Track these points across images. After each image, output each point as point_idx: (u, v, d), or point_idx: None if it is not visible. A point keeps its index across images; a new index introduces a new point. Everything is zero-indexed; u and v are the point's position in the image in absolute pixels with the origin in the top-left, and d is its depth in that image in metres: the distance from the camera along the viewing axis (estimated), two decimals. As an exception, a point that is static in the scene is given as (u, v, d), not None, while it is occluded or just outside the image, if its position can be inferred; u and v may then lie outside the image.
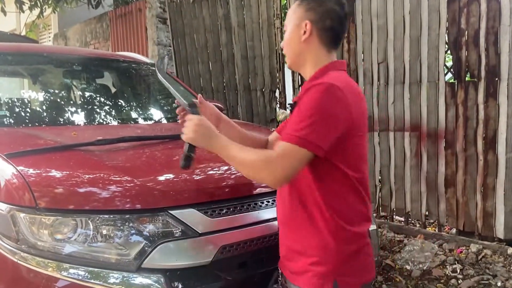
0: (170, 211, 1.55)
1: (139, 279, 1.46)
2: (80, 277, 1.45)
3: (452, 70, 3.49)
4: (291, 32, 1.41)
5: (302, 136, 1.20)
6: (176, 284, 1.49)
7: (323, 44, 1.39)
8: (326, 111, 1.22)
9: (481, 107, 3.30)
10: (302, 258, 1.33)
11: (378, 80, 3.84)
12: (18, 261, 1.48)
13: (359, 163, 1.34)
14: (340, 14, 1.39)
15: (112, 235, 1.51)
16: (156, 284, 1.46)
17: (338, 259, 1.29)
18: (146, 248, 1.49)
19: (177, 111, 1.55)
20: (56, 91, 2.94)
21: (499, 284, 2.86)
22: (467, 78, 3.39)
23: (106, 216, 1.52)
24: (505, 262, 3.10)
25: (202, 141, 1.37)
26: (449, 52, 3.50)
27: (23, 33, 8.96)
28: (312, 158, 1.23)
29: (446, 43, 3.46)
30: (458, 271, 3.09)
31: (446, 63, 3.53)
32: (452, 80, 3.51)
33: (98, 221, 1.51)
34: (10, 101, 2.59)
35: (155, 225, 1.54)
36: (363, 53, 3.93)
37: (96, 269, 1.47)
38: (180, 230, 1.54)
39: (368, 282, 1.37)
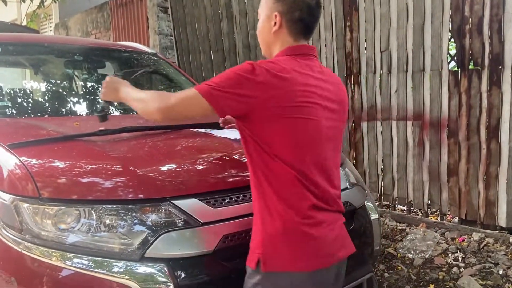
0: (172, 201, 1.55)
1: (142, 268, 1.47)
2: (84, 266, 1.46)
3: (455, 58, 3.47)
4: (262, 22, 1.45)
5: (206, 86, 1.29)
6: (179, 273, 1.49)
7: (291, 35, 1.41)
8: (237, 80, 1.27)
9: (484, 95, 3.28)
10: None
11: (381, 68, 3.82)
12: (22, 251, 1.49)
13: (295, 149, 1.32)
14: (310, 4, 1.39)
15: (115, 225, 1.52)
16: (160, 273, 1.47)
17: (265, 240, 1.33)
18: (149, 238, 1.50)
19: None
20: (58, 82, 2.94)
21: (500, 272, 2.87)
22: (470, 66, 3.37)
23: (109, 206, 1.53)
24: (507, 251, 3.11)
25: (111, 94, 1.60)
26: (452, 40, 3.48)
27: (24, 23, 8.93)
28: (208, 111, 1.29)
29: (449, 31, 3.44)
30: (460, 259, 3.10)
31: (450, 51, 3.51)
32: (455, 69, 3.49)
33: (101, 211, 1.52)
34: (12, 92, 2.59)
35: (158, 215, 1.54)
36: (365, 41, 3.91)
37: (100, 259, 1.47)
38: (182, 219, 1.54)
39: (308, 271, 1.32)
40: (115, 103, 1.60)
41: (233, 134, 2.04)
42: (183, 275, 1.49)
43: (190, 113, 1.38)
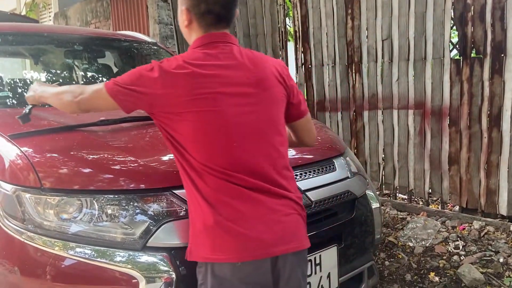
0: (174, 191, 1.56)
1: (144, 258, 1.48)
2: (87, 256, 1.47)
3: (457, 46, 3.45)
4: (178, 16, 1.46)
5: (111, 85, 1.35)
6: (181, 262, 1.50)
7: (202, 28, 1.39)
8: (137, 77, 1.33)
9: (486, 84, 3.27)
10: None
11: (382, 57, 3.80)
12: (25, 241, 1.50)
13: (206, 144, 1.31)
14: None
15: (117, 214, 1.52)
16: (161, 262, 1.48)
17: (191, 232, 1.39)
18: (151, 227, 1.50)
19: None
20: (58, 71, 2.93)
21: (501, 260, 2.88)
22: (472, 55, 3.35)
23: (111, 196, 1.54)
24: (508, 239, 3.12)
25: (34, 96, 1.68)
26: (454, 28, 3.45)
27: (23, 13, 8.88)
28: (115, 106, 1.35)
29: (451, 18, 3.41)
30: (461, 247, 3.11)
31: (452, 40, 3.49)
32: (457, 57, 3.47)
33: (103, 201, 1.53)
34: (12, 82, 2.58)
35: (160, 204, 1.55)
36: (367, 29, 3.88)
37: (102, 248, 1.48)
38: (184, 209, 1.55)
39: (226, 262, 1.31)
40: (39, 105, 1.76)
41: None
42: (185, 264, 1.50)
43: (99, 108, 1.44)
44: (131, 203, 1.54)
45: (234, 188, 1.31)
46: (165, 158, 1.72)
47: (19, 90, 2.54)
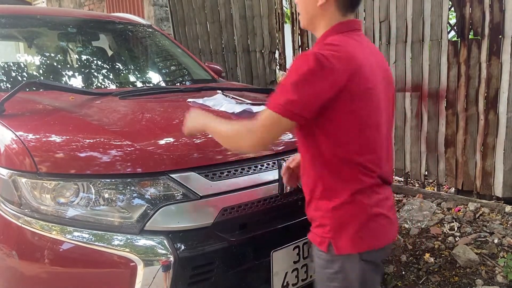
0: (171, 175, 1.56)
1: (142, 241, 1.49)
2: (85, 240, 1.47)
3: (455, 28, 3.42)
4: None
5: (283, 104, 1.18)
6: (178, 245, 1.51)
7: (339, 9, 1.29)
8: (307, 79, 1.17)
9: (483, 65, 3.25)
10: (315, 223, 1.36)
11: (380, 39, 3.77)
12: (22, 225, 1.50)
13: (350, 137, 1.24)
14: None
15: (114, 198, 1.53)
16: (159, 245, 1.49)
17: (336, 222, 1.29)
18: (148, 211, 1.51)
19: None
20: (52, 55, 2.89)
21: (496, 241, 2.92)
22: (470, 36, 3.33)
23: (108, 180, 1.53)
24: (502, 220, 3.15)
25: (193, 125, 1.50)
26: (452, 9, 3.42)
27: (16, -5, 8.72)
28: (294, 125, 1.23)
29: (449, -1, 3.38)
30: (456, 229, 3.15)
31: (450, 21, 3.46)
32: (455, 38, 3.44)
33: (99, 185, 1.53)
34: (6, 65, 2.55)
35: (157, 188, 1.55)
36: (364, 11, 3.84)
37: (100, 232, 1.49)
38: (181, 193, 1.55)
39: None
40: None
41: (230, 107, 2.03)
42: (182, 247, 1.51)
43: (278, 136, 1.29)
44: (128, 187, 1.54)
45: (371, 179, 1.28)
46: (162, 142, 1.72)
47: (13, 74, 2.51)
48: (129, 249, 1.47)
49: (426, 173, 3.74)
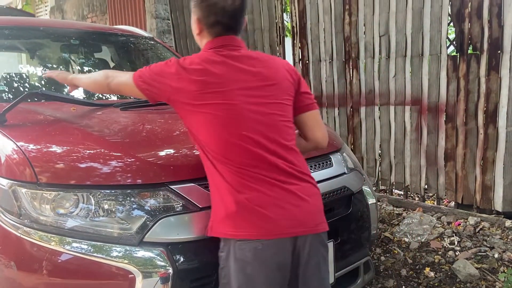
0: (171, 186, 1.56)
1: (141, 253, 1.48)
2: (83, 251, 1.47)
3: (454, 43, 3.45)
4: (191, 24, 1.56)
5: (137, 78, 1.52)
6: (178, 257, 1.51)
7: (212, 36, 1.49)
8: (158, 70, 1.48)
9: (482, 80, 3.27)
10: None
11: (380, 53, 3.80)
12: (21, 236, 1.50)
13: (216, 137, 1.41)
14: (225, 6, 1.42)
15: (113, 209, 1.52)
16: (158, 257, 1.48)
17: (213, 210, 1.50)
18: (148, 223, 1.50)
19: None
20: (54, 66, 2.91)
21: (496, 255, 2.90)
22: (469, 51, 3.35)
23: (108, 191, 1.53)
24: (503, 234, 3.14)
25: (66, 78, 1.99)
26: (451, 24, 3.45)
27: (20, 7, 8.81)
28: (142, 96, 1.53)
29: (449, 15, 3.41)
30: (456, 243, 3.13)
31: (449, 36, 3.49)
32: (454, 53, 3.47)
33: (99, 196, 1.53)
34: (8, 76, 2.57)
35: (156, 199, 1.55)
36: (364, 25, 3.88)
37: (98, 243, 1.48)
38: (181, 204, 1.55)
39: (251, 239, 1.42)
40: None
41: None
42: (182, 259, 1.51)
43: (126, 94, 1.73)
44: (128, 198, 1.54)
45: (253, 176, 1.40)
46: (162, 153, 1.73)
47: (15, 85, 2.52)
48: (128, 261, 1.46)
49: (426, 186, 3.74)
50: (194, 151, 1.72)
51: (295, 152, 1.50)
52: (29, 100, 2.17)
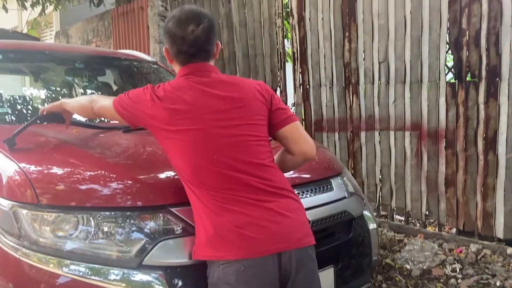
0: (171, 208, 1.56)
1: (139, 276, 1.47)
2: (81, 274, 1.46)
3: (453, 70, 3.50)
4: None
5: (116, 104, 1.58)
6: (176, 281, 1.49)
7: (180, 63, 1.55)
8: (135, 97, 1.54)
9: (481, 107, 3.30)
10: None
11: (379, 79, 3.84)
12: (20, 257, 1.49)
13: (187, 161, 1.45)
14: (184, 36, 1.48)
15: (113, 232, 1.52)
16: (157, 281, 1.47)
17: (196, 234, 1.51)
18: (147, 245, 1.50)
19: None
20: (58, 89, 2.95)
21: (498, 283, 2.87)
22: (468, 78, 3.39)
23: (107, 213, 1.54)
24: (504, 262, 3.11)
25: (54, 105, 1.96)
26: (450, 52, 3.51)
27: (25, 31, 8.97)
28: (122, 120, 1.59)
29: (447, 43, 3.47)
30: (458, 270, 3.10)
31: (447, 63, 3.54)
32: (453, 80, 3.51)
33: (99, 218, 1.53)
34: (12, 99, 2.60)
35: (156, 222, 1.55)
36: (364, 52, 3.93)
37: (97, 266, 1.48)
38: (181, 227, 1.55)
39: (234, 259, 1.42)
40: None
41: None
42: (180, 283, 1.49)
43: (109, 118, 1.81)
44: (128, 221, 1.53)
45: (229, 198, 1.42)
46: (162, 175, 1.73)
47: (18, 107, 2.55)
48: (126, 284, 1.45)
49: (427, 212, 3.72)
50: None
51: (272, 169, 1.51)
52: (38, 122, 2.19)
